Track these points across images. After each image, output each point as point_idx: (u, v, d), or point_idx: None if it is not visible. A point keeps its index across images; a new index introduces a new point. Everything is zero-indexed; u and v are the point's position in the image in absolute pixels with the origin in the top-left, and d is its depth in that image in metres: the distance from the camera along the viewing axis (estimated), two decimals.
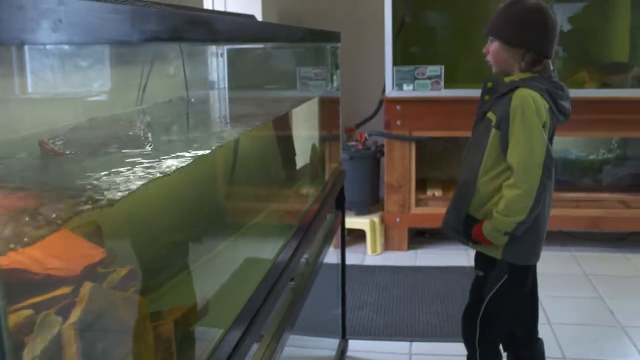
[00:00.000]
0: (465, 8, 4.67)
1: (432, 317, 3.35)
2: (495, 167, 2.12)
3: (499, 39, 2.14)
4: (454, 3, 4.73)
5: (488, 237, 2.12)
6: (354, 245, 4.38)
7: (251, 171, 1.66)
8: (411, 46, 4.75)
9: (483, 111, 2.20)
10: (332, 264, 2.79)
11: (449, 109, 4.10)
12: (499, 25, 2.15)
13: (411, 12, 4.64)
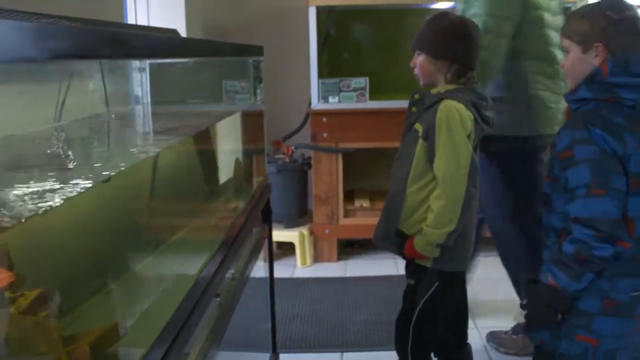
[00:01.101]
0: (390, 20, 4.76)
1: (363, 326, 3.37)
2: (422, 178, 2.16)
3: (425, 52, 2.19)
4: (378, 16, 4.82)
5: (421, 251, 2.16)
6: (283, 258, 4.38)
7: (172, 187, 1.64)
8: (336, 59, 4.81)
9: (410, 122, 2.24)
10: (261, 278, 2.78)
11: (375, 120, 4.16)
12: (424, 39, 2.20)
13: (336, 24, 4.69)
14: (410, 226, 2.20)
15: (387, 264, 4.22)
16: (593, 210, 1.61)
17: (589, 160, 1.63)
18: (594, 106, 1.71)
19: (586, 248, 1.61)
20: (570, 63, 1.79)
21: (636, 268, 1.72)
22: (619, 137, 1.66)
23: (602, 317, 1.72)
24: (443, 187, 2.09)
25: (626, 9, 1.72)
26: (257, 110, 2.63)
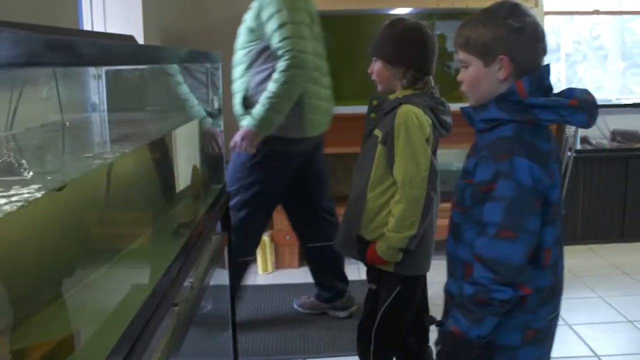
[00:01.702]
0: (348, 26, 4.78)
1: (325, 332, 3.37)
2: (382, 183, 2.18)
3: (381, 59, 2.21)
4: (336, 21, 4.83)
5: (384, 256, 2.17)
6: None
7: (128, 195, 1.62)
8: None
9: (370, 129, 2.26)
10: (221, 286, 2.75)
11: (337, 126, 4.15)
12: (380, 46, 2.22)
13: None
14: (371, 231, 2.21)
15: (349, 269, 4.20)
16: (497, 253, 1.52)
17: (506, 198, 1.51)
18: (515, 130, 1.56)
19: (485, 290, 1.52)
20: (471, 78, 1.62)
21: (553, 293, 1.69)
22: (546, 166, 1.55)
23: (526, 348, 1.67)
24: (403, 191, 2.10)
25: (525, 15, 1.57)
26: (215, 116, 2.61)
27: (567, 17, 5.61)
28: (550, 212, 1.59)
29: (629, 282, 4.12)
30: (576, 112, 1.55)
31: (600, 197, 4.90)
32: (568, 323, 3.48)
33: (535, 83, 1.57)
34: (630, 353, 3.18)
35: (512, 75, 1.58)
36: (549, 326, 1.72)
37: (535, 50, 1.60)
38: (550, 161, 1.59)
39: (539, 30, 1.59)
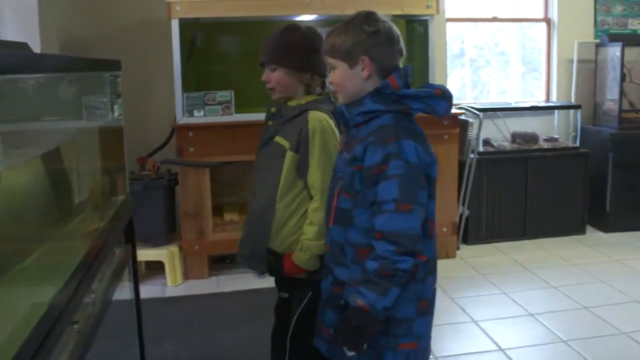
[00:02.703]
0: (255, 32, 4.76)
1: (238, 342, 3.32)
2: (291, 191, 2.15)
3: (285, 66, 2.18)
4: (243, 28, 4.80)
5: (304, 266, 2.14)
6: (153, 277, 4.26)
7: (21, 209, 1.54)
8: (203, 72, 4.73)
9: (268, 136, 2.23)
10: (128, 300, 2.67)
11: (242, 133, 4.13)
12: (280, 53, 2.19)
13: (200, 37, 4.63)
14: (281, 241, 2.18)
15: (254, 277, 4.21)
16: (398, 226, 1.65)
17: (399, 175, 1.66)
18: (392, 118, 1.76)
19: (389, 262, 1.64)
20: (339, 79, 1.81)
21: (435, 263, 1.87)
22: (426, 145, 1.76)
23: (420, 318, 1.81)
24: (322, 197, 2.08)
25: (380, 21, 1.78)
26: (116, 126, 2.53)
27: (471, 24, 5.80)
28: (432, 186, 1.78)
29: (531, 277, 4.29)
30: (440, 100, 1.77)
31: (503, 196, 5.08)
32: (474, 319, 3.59)
33: (402, 79, 1.78)
34: (533, 344, 3.30)
35: (374, 73, 1.79)
36: (434, 297, 1.88)
37: (392, 50, 1.80)
38: (427, 141, 1.79)
39: (393, 33, 1.81)
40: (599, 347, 3.26)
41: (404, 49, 1.84)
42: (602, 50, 5.59)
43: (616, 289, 4.07)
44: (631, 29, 5.86)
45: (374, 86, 1.77)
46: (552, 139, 5.41)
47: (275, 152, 2.18)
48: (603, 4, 5.76)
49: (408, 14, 4.50)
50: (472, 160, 4.83)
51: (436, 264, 1.88)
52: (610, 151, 5.25)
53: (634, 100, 5.58)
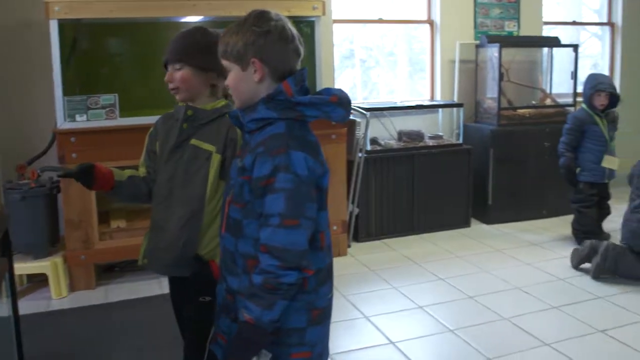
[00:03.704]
0: (139, 34, 4.65)
1: (133, 352, 3.22)
2: (217, 193, 2.11)
3: (190, 65, 2.13)
4: (127, 30, 4.67)
5: None
6: (36, 291, 4.08)
7: None
8: (85, 75, 4.56)
9: (183, 139, 2.17)
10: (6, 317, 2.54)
11: (128, 138, 4.02)
12: (186, 51, 2.14)
13: (82, 39, 4.47)
14: (205, 245, 2.13)
15: (151, 285, 4.12)
16: (282, 241, 1.62)
17: (287, 189, 1.62)
18: (285, 127, 1.70)
19: (273, 277, 1.61)
20: (233, 82, 1.76)
21: (329, 273, 1.85)
22: (317, 156, 1.71)
23: (312, 328, 1.79)
24: None
25: (272, 20, 1.72)
26: None
27: (361, 26, 5.91)
28: (323, 197, 1.75)
29: (419, 270, 4.43)
30: (336, 107, 1.73)
31: (391, 194, 5.22)
32: (366, 315, 3.66)
33: (298, 84, 1.73)
34: (422, 336, 3.41)
35: (267, 76, 1.72)
36: (329, 305, 1.86)
37: (285, 51, 1.73)
38: (320, 152, 1.74)
39: (287, 33, 1.73)
40: (483, 333, 3.41)
41: (302, 48, 1.78)
42: (481, 51, 5.86)
43: (498, 277, 4.27)
44: (508, 31, 6.17)
45: (269, 90, 1.71)
46: (436, 136, 5.61)
47: (195, 156, 2.13)
48: (482, 7, 6.03)
49: (295, 15, 4.53)
50: (361, 159, 4.93)
51: (331, 273, 1.86)
52: (490, 147, 5.51)
53: (511, 99, 5.87)
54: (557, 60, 6.19)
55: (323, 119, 1.75)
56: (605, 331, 3.42)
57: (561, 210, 5.64)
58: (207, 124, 2.15)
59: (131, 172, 2.29)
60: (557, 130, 5.42)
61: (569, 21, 6.84)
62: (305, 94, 1.75)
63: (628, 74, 6.88)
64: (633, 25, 6.94)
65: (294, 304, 1.72)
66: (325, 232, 1.78)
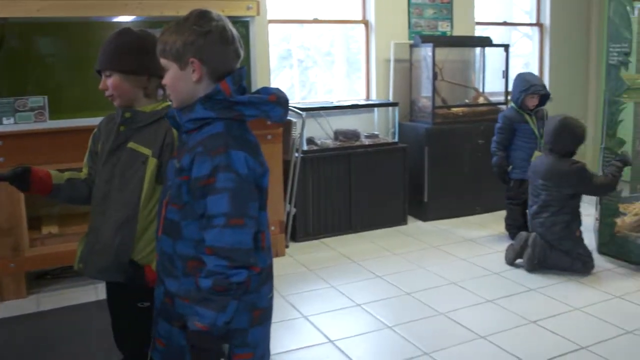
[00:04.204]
0: (71, 35, 4.54)
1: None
2: (152, 198, 2.07)
3: (118, 71, 2.09)
4: (59, 30, 4.54)
5: None
6: None
7: None
8: (13, 76, 4.41)
9: (119, 142, 2.12)
10: None
11: (59, 141, 3.92)
12: (115, 58, 2.09)
13: (9, 39, 4.32)
14: (140, 250, 2.08)
15: (87, 291, 4.02)
16: (229, 240, 1.60)
17: (229, 188, 1.61)
18: (224, 126, 1.69)
19: (223, 277, 1.59)
20: (171, 81, 1.74)
21: (269, 273, 1.85)
22: (257, 155, 1.71)
23: (255, 328, 1.79)
24: None
25: (212, 20, 1.70)
26: None
27: (298, 26, 5.91)
28: (263, 197, 1.75)
29: (357, 269, 4.46)
30: (275, 107, 1.73)
31: (328, 193, 5.24)
32: (304, 315, 3.66)
33: (236, 84, 1.72)
34: (360, 333, 3.44)
35: (206, 77, 1.71)
36: (270, 306, 1.86)
37: (225, 52, 1.72)
38: (260, 151, 1.74)
39: (227, 34, 1.72)
40: (420, 328, 3.46)
41: (241, 50, 1.76)
42: (415, 51, 5.95)
43: (435, 273, 4.34)
44: (441, 31, 6.28)
45: (207, 90, 1.70)
46: (372, 135, 5.66)
47: (131, 159, 2.09)
48: (416, 8, 6.12)
49: (229, 15, 4.45)
50: (297, 159, 4.93)
51: (272, 273, 1.86)
52: (425, 145, 5.60)
53: (445, 97, 5.98)
54: (490, 60, 6.34)
55: (261, 119, 1.76)
56: (537, 322, 3.52)
57: (494, 207, 5.78)
58: (146, 126, 2.11)
59: (70, 174, 2.23)
60: (490, 128, 5.55)
61: (500, 22, 7.01)
62: (243, 94, 1.74)
63: (556, 72, 7.10)
64: (560, 25, 7.17)
65: (237, 304, 1.70)
66: (265, 232, 1.78)
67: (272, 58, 5.65)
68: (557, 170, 4.29)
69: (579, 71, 7.40)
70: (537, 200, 4.41)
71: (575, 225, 4.36)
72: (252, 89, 4.07)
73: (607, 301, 3.83)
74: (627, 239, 4.49)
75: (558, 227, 4.30)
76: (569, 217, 4.32)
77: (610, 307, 3.74)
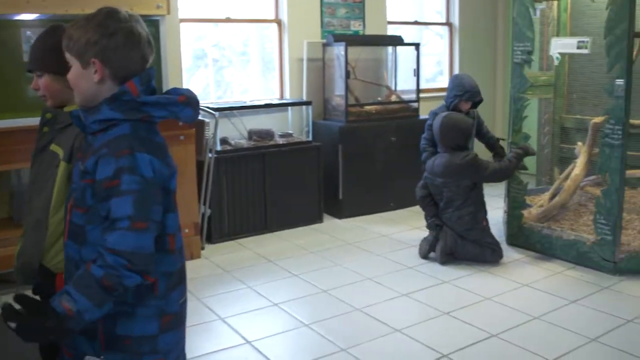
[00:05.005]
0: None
1: None
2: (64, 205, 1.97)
3: (48, 71, 1.99)
4: None
5: None
6: None
7: None
8: None
9: (43, 144, 2.04)
10: None
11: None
12: (42, 58, 2.01)
13: None
14: (52, 257, 1.99)
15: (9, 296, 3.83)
16: (131, 244, 1.54)
17: (134, 191, 1.55)
18: (131, 128, 1.63)
19: (116, 275, 1.53)
20: (73, 78, 1.68)
21: (180, 277, 1.80)
22: (164, 157, 1.66)
23: (165, 334, 1.73)
24: None
25: (120, 22, 1.64)
26: None
27: (212, 25, 5.82)
28: (171, 199, 1.70)
29: (274, 268, 4.44)
30: (185, 107, 1.69)
31: (243, 193, 5.19)
32: (221, 317, 3.61)
33: (144, 84, 1.66)
34: (277, 333, 3.43)
35: (108, 78, 1.65)
36: (182, 310, 1.80)
37: (130, 55, 1.65)
38: (167, 153, 1.69)
39: (134, 37, 1.65)
40: (337, 325, 3.49)
41: (150, 52, 1.71)
42: (328, 50, 5.98)
43: (351, 270, 4.38)
44: (353, 30, 6.35)
45: (112, 91, 1.64)
46: (286, 134, 5.66)
47: (50, 161, 1.99)
48: (328, 7, 6.15)
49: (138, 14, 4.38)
50: (211, 160, 4.86)
51: (183, 277, 1.81)
52: (339, 143, 5.64)
53: (359, 96, 6.05)
54: (402, 58, 6.45)
55: (171, 120, 1.71)
56: (450, 313, 3.61)
57: (408, 202, 5.87)
58: (66, 127, 2.02)
59: None
60: (402, 125, 5.66)
61: (411, 21, 7.15)
62: (153, 94, 1.69)
63: (465, 70, 7.28)
64: (468, 25, 7.40)
65: (144, 310, 1.66)
66: (175, 234, 1.73)
67: (186, 58, 5.56)
68: (452, 164, 4.43)
69: (487, 69, 7.65)
70: (440, 198, 4.54)
71: (481, 215, 4.51)
72: (164, 89, 3.99)
73: (516, 289, 3.97)
74: (534, 230, 4.67)
75: (465, 219, 4.44)
76: (473, 208, 4.46)
77: (519, 295, 3.87)
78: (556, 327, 3.40)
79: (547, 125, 5.83)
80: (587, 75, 5.33)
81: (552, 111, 5.78)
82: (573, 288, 3.97)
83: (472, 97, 4.80)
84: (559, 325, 3.42)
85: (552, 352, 3.12)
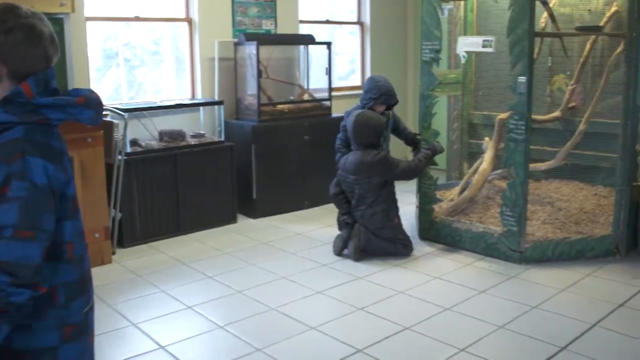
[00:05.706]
0: None
1: None
2: None
3: None
4: None
5: None
6: None
7: None
8: None
9: None
10: None
11: None
12: None
13: None
14: None
15: None
16: (16, 255, 1.45)
17: (21, 198, 1.47)
18: (25, 131, 1.54)
19: (3, 295, 1.43)
20: None
21: (83, 286, 1.72)
22: (60, 162, 1.58)
23: (66, 346, 1.66)
24: None
25: (20, 17, 1.56)
26: None
27: (124, 23, 5.66)
28: (69, 206, 1.62)
29: (188, 271, 4.37)
30: (84, 109, 1.61)
31: (155, 195, 5.09)
32: (133, 323, 3.53)
33: (41, 84, 1.57)
34: (192, 336, 3.38)
35: (6, 77, 1.56)
36: (86, 319, 1.73)
37: (30, 53, 1.57)
38: (65, 158, 1.61)
39: (35, 34, 1.57)
40: (252, 325, 3.47)
41: (52, 51, 1.62)
42: (240, 49, 5.93)
43: (265, 269, 4.37)
44: (265, 29, 6.33)
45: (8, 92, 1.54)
46: (198, 134, 5.58)
47: None
48: (240, 6, 6.11)
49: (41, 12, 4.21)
50: (120, 162, 4.74)
51: (85, 286, 1.72)
52: (252, 143, 5.61)
53: (271, 95, 6.03)
54: (314, 57, 6.48)
55: (71, 122, 1.63)
56: (364, 308, 3.66)
57: (322, 200, 5.92)
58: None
59: None
60: (315, 124, 5.69)
61: (323, 20, 7.19)
62: (53, 95, 1.61)
63: (376, 69, 7.42)
64: (379, 24, 7.52)
65: (44, 322, 1.58)
66: (74, 242, 1.65)
67: (96, 57, 5.39)
68: (363, 162, 4.50)
69: (398, 68, 7.81)
70: (353, 195, 4.60)
71: (393, 212, 4.60)
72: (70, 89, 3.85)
73: (427, 282, 4.07)
74: (444, 224, 4.80)
75: (377, 217, 4.52)
76: (385, 206, 4.55)
77: (430, 288, 3.97)
78: (466, 317, 3.51)
79: (456, 121, 6.00)
80: (493, 73, 5.52)
81: (460, 108, 5.96)
82: (482, 278, 4.11)
83: (388, 100, 4.85)
84: (469, 315, 3.53)
85: (463, 341, 3.22)
